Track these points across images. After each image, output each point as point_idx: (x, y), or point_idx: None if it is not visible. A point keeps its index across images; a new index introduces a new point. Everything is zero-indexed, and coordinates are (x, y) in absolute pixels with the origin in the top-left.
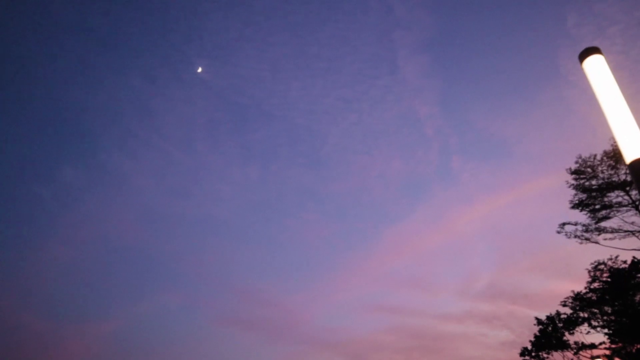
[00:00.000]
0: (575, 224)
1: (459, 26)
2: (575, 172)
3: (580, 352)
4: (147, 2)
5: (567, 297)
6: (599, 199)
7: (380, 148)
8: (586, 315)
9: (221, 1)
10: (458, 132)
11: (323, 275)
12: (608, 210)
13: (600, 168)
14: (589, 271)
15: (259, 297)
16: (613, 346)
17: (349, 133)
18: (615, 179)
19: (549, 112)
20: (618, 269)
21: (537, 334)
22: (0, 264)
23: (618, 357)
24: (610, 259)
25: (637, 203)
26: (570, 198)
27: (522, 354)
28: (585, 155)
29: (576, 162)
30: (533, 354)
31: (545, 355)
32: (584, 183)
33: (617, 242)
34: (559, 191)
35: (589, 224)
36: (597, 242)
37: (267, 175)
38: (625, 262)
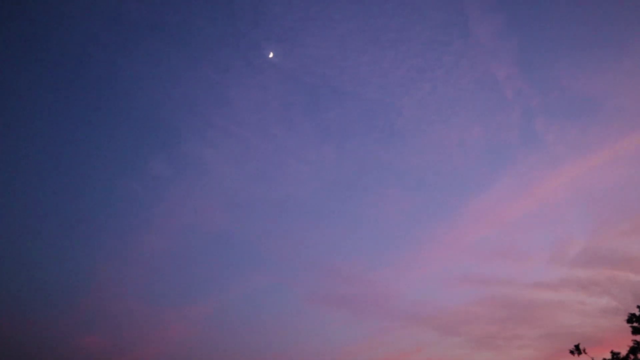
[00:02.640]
0: None
1: None
2: None
3: None
4: None
5: None
6: None
7: (458, 116)
8: None
9: None
10: (540, 92)
11: (408, 249)
12: None
13: None
14: None
15: (345, 274)
16: None
17: (424, 103)
18: None
19: None
20: None
21: None
22: (104, 255)
23: None
24: None
25: None
26: None
27: (629, 321)
28: None
29: None
30: None
31: None
32: None
33: None
34: None
35: None
36: None
37: (343, 153)
38: None
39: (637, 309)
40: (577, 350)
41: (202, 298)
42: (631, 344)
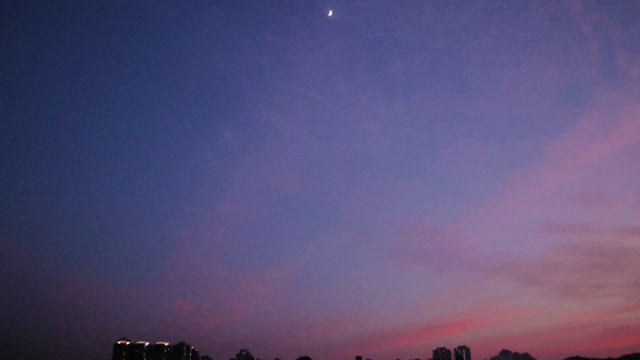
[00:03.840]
0: None
1: None
2: None
3: None
4: None
5: None
6: None
7: (530, 58)
8: None
9: None
10: (621, 23)
11: (484, 200)
12: None
13: None
14: None
15: (422, 228)
16: None
17: (492, 47)
18: None
19: None
20: None
21: None
22: (185, 223)
23: None
24: None
25: None
26: None
27: None
28: None
29: None
30: None
31: None
32: None
33: None
34: None
35: None
36: None
37: (412, 106)
38: None
39: None
40: None
41: (282, 259)
42: None
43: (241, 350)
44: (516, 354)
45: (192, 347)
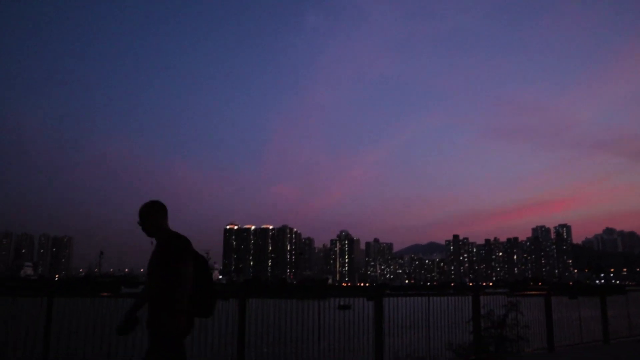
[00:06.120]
0: None
1: None
2: None
3: None
4: None
5: None
6: None
7: None
8: None
9: None
10: None
11: (589, 71)
12: None
13: None
14: None
15: (521, 104)
16: None
17: None
18: None
19: None
20: None
21: None
22: (277, 110)
23: None
24: None
25: None
26: None
27: None
28: None
29: None
30: None
31: None
32: None
33: None
34: None
35: None
36: None
37: None
38: None
39: None
40: None
41: (377, 142)
42: None
43: (341, 231)
44: (621, 232)
45: (295, 230)
